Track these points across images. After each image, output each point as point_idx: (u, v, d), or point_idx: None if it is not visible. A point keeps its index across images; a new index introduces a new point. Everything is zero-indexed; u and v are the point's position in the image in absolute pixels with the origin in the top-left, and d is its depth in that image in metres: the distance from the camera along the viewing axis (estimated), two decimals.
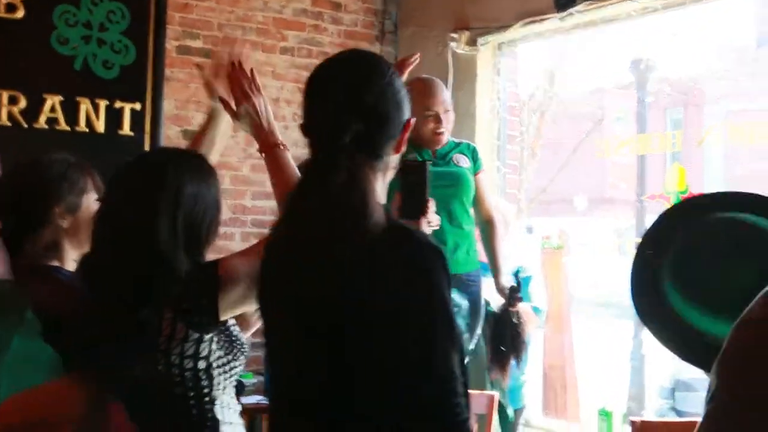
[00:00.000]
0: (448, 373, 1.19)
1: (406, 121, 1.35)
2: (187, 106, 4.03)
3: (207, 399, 1.58)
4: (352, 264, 1.21)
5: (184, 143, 2.92)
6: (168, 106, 3.99)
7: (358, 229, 1.21)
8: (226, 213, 3.77)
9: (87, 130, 3.76)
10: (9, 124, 3.61)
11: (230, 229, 4.14)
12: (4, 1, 3.62)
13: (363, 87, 1.30)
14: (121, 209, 1.59)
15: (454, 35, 4.17)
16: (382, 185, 1.35)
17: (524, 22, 3.85)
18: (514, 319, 2.75)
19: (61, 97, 3.71)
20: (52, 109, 3.69)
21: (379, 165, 1.32)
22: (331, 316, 1.23)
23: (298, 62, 4.40)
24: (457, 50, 4.17)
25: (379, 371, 1.20)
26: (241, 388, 3.44)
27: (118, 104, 3.83)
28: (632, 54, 6.19)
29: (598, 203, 12.07)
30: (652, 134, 4.69)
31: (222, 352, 1.60)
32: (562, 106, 9.99)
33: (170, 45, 4.02)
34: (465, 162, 2.96)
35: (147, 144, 3.88)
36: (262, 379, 3.78)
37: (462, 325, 2.65)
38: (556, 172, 10.62)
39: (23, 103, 3.64)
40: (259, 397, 3.60)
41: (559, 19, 3.68)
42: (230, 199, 4.10)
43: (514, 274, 2.98)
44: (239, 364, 1.64)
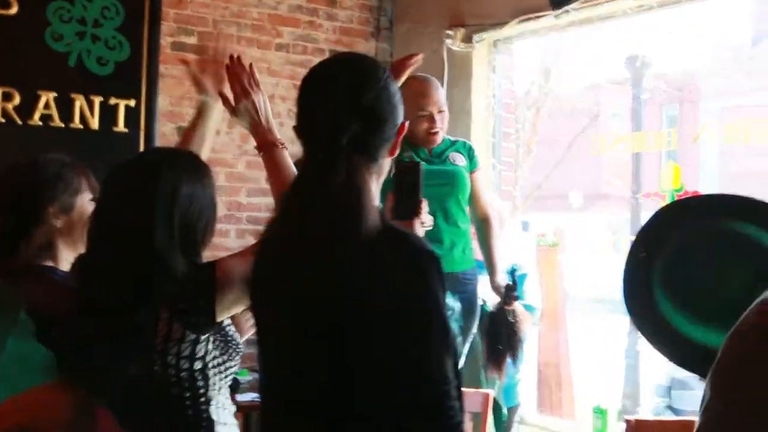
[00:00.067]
0: (441, 378, 1.19)
1: (401, 125, 1.35)
2: (182, 102, 4.01)
3: (203, 399, 1.58)
4: (352, 264, 1.21)
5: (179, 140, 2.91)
6: (163, 102, 3.97)
7: (357, 230, 1.21)
8: (221, 210, 3.77)
9: (81, 126, 3.74)
10: (3, 120, 3.59)
11: (225, 226, 4.13)
12: None
13: (362, 88, 1.30)
14: (117, 209, 1.58)
15: (450, 32, 4.16)
16: (377, 187, 1.34)
17: (520, 19, 3.85)
18: (510, 318, 2.75)
19: (56, 94, 3.69)
20: (47, 106, 3.67)
21: (374, 167, 1.32)
22: (331, 316, 1.22)
23: (294, 59, 4.39)
24: (453, 47, 4.17)
25: (379, 371, 1.20)
26: (236, 385, 3.44)
27: (113, 101, 3.81)
28: (628, 51, 6.19)
29: (593, 200, 12.09)
30: (648, 132, 4.68)
31: (218, 353, 1.60)
32: (558, 102, 10.02)
33: (165, 41, 4.00)
34: (461, 160, 2.96)
35: (142, 141, 3.85)
36: (257, 376, 3.78)
37: (455, 328, 2.65)
38: (552, 169, 10.65)
39: (17, 100, 3.62)
40: (254, 395, 3.60)
41: (555, 16, 3.68)
42: (225, 196, 4.09)
43: (510, 272, 2.98)
44: (235, 365, 1.64)
